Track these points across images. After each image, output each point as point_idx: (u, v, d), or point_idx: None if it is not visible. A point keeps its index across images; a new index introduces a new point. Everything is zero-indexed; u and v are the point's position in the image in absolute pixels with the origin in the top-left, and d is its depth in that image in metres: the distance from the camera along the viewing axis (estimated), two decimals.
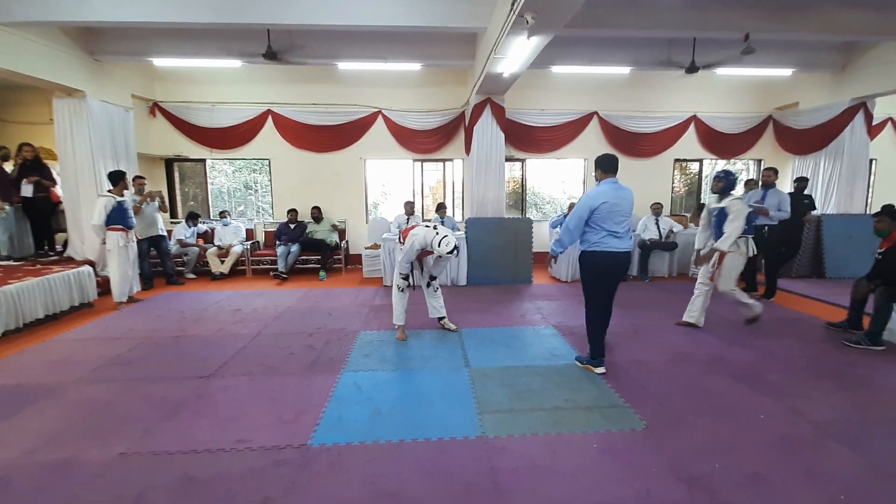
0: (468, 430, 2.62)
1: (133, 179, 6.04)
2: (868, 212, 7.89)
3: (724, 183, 4.27)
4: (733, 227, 4.10)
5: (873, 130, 7.50)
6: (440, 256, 3.89)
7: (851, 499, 2.05)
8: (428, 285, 4.35)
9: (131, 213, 5.47)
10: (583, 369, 3.50)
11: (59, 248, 6.55)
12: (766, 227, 5.41)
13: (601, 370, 3.39)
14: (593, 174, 3.48)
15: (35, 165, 6.04)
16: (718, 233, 4.27)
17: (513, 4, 3.83)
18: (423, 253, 4.05)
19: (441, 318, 4.46)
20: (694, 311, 4.51)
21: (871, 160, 7.90)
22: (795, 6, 5.31)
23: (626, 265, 3.40)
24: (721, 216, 4.25)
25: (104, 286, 5.68)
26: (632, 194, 3.34)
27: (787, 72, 7.14)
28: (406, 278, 4.12)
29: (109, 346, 4.06)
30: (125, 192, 5.47)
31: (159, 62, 6.47)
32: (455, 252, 3.88)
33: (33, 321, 4.57)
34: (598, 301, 3.41)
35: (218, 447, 2.46)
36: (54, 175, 6.33)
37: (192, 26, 5.35)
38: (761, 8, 5.30)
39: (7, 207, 5.84)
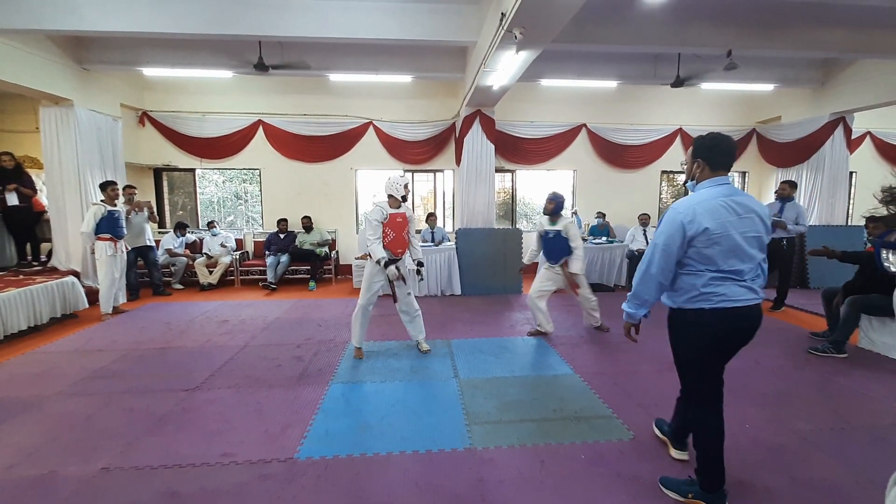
0: (456, 442, 2.61)
1: (123, 189, 5.99)
2: (849, 223, 8.07)
3: (554, 205, 4.38)
4: (581, 246, 4.39)
5: (853, 144, 7.72)
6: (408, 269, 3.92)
7: None
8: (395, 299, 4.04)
9: (122, 222, 5.42)
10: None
11: (43, 258, 6.45)
12: (785, 240, 5.45)
13: None
14: (681, 165, 2.23)
15: (15, 174, 5.95)
16: (549, 253, 4.52)
17: (501, 20, 3.90)
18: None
19: (417, 342, 4.24)
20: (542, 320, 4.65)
21: (850, 173, 8.10)
22: (776, 24, 5.48)
23: (756, 327, 2.02)
24: (558, 238, 4.41)
25: (93, 296, 5.58)
26: (760, 205, 1.97)
27: (768, 87, 7.33)
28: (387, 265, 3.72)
29: (92, 358, 3.99)
30: (116, 201, 5.42)
31: (149, 72, 6.46)
32: (419, 270, 3.99)
33: (15, 333, 4.48)
34: (713, 389, 2.13)
35: (203, 461, 2.42)
36: (38, 184, 6.25)
37: (182, 37, 5.36)
38: (743, 25, 5.46)
39: None
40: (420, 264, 4.03)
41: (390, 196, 3.78)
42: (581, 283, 4.61)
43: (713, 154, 1.96)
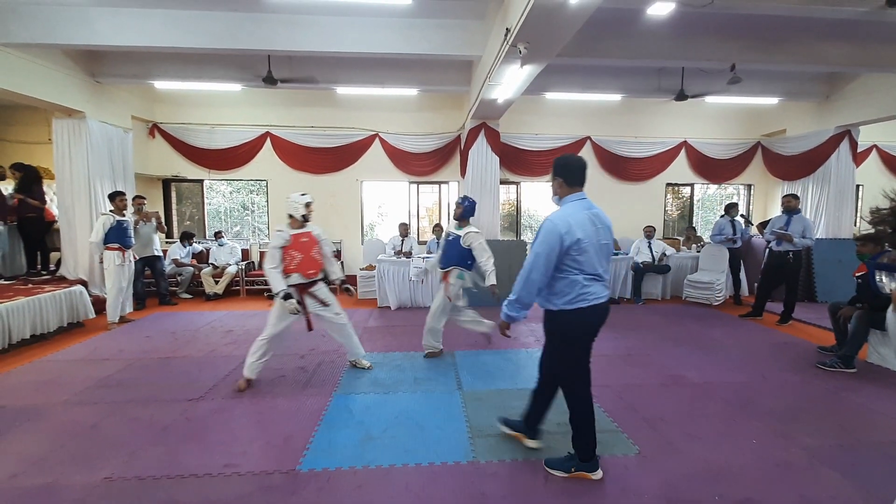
0: (459, 455, 2.60)
1: (132, 199, 6.08)
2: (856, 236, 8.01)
3: (462, 209, 4.07)
4: (490, 259, 3.94)
5: (858, 157, 7.70)
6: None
7: None
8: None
9: (131, 232, 5.48)
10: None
11: (52, 267, 6.52)
12: (791, 254, 5.42)
13: (599, 475, 2.38)
14: (549, 183, 2.45)
15: (25, 184, 6.08)
16: (446, 257, 4.10)
17: (506, 35, 3.96)
18: (302, 288, 3.63)
19: (353, 360, 4.00)
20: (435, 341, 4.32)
21: (857, 186, 8.06)
22: (779, 38, 5.51)
23: (607, 317, 2.38)
24: (455, 243, 4.02)
25: (100, 305, 5.61)
26: (607, 218, 2.36)
27: (773, 100, 7.35)
28: (288, 297, 3.45)
29: (98, 367, 4.01)
30: (125, 211, 5.49)
31: (160, 85, 6.58)
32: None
33: (22, 341, 4.51)
34: (584, 375, 2.40)
35: (205, 472, 2.42)
36: (49, 194, 6.35)
37: (193, 51, 5.47)
38: (746, 39, 5.49)
39: (0, 227, 5.83)
40: (344, 283, 3.89)
41: (291, 217, 3.63)
42: (460, 299, 4.14)
43: (569, 172, 2.31)
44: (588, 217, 2.23)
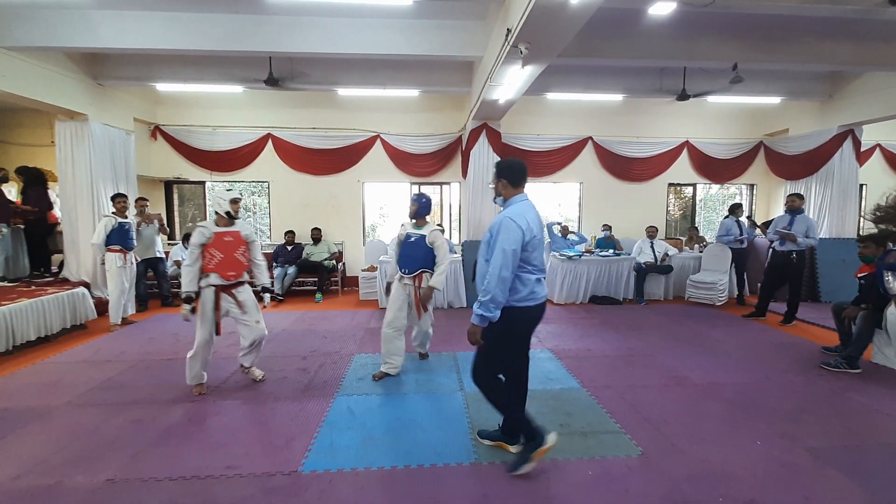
0: (461, 457, 2.59)
1: (135, 201, 6.10)
2: (860, 236, 7.97)
3: (417, 206, 3.83)
4: (448, 262, 3.74)
5: (862, 156, 7.65)
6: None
7: None
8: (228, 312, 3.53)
9: (132, 234, 5.50)
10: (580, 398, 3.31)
11: (54, 269, 6.54)
12: (794, 253, 5.40)
13: (553, 438, 2.42)
14: (490, 185, 2.55)
15: (29, 184, 6.17)
16: (406, 260, 3.79)
17: (507, 35, 3.95)
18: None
19: (246, 368, 3.71)
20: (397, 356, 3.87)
21: (860, 185, 8.02)
22: (781, 38, 5.49)
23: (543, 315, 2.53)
24: (419, 244, 3.76)
25: (103, 307, 5.63)
26: (542, 218, 2.52)
27: (775, 100, 7.32)
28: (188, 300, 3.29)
29: (100, 368, 4.01)
30: (128, 213, 5.50)
31: (162, 87, 6.59)
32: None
33: (24, 343, 4.52)
34: (520, 370, 2.61)
35: (207, 474, 2.42)
36: (52, 196, 6.38)
37: (195, 53, 5.48)
38: (748, 39, 5.47)
39: (4, 229, 5.85)
40: (266, 290, 3.68)
41: (217, 213, 3.43)
42: (429, 304, 3.86)
43: (513, 174, 2.44)
44: (536, 216, 2.39)
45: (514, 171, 2.44)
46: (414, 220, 3.89)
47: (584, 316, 6.04)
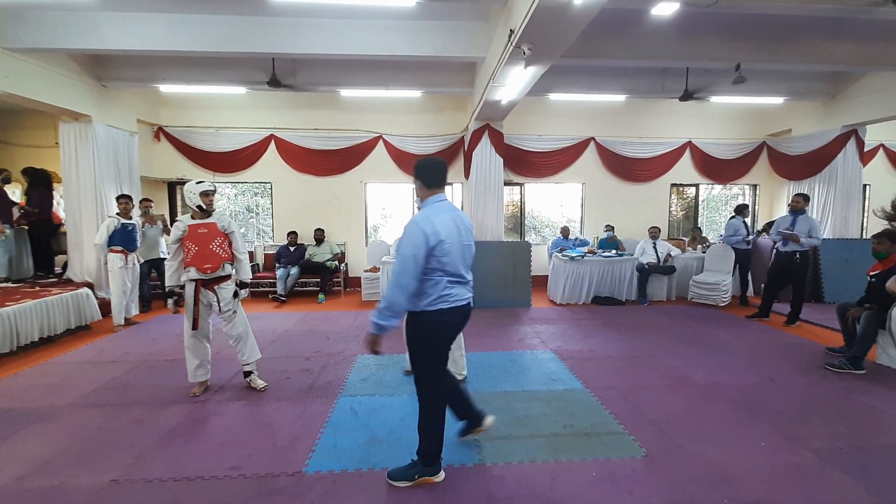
0: (465, 458, 2.59)
1: (139, 202, 6.12)
2: (864, 236, 7.95)
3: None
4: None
5: (865, 157, 7.63)
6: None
7: None
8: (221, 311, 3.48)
9: (136, 235, 5.52)
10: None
11: (58, 270, 6.56)
12: (798, 254, 5.38)
13: (441, 477, 2.37)
14: (413, 187, 2.43)
15: (32, 184, 6.21)
16: None
17: (510, 36, 3.96)
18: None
19: (247, 374, 3.64)
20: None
21: (864, 185, 8.00)
22: (783, 38, 5.48)
23: (469, 318, 2.44)
24: None
25: (107, 307, 5.65)
26: (468, 219, 2.41)
27: (778, 100, 7.31)
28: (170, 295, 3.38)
29: (104, 369, 4.02)
30: (132, 214, 5.52)
31: (165, 88, 6.62)
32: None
33: (28, 344, 4.54)
34: (441, 378, 2.42)
35: (211, 474, 2.42)
36: (56, 197, 6.42)
37: (198, 54, 5.49)
38: (750, 39, 5.47)
39: (7, 231, 5.88)
40: (242, 285, 3.60)
41: (191, 207, 3.41)
42: None
43: (427, 174, 2.29)
44: (451, 218, 2.23)
45: (428, 172, 2.29)
46: None
47: (587, 317, 6.03)
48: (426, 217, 2.17)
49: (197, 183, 3.38)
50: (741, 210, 6.72)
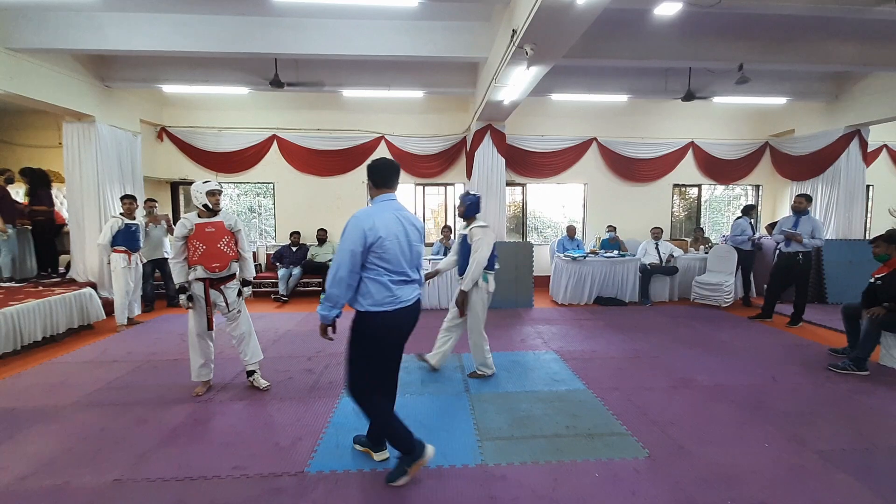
0: (468, 458, 2.58)
1: (144, 202, 6.14)
2: (867, 237, 7.92)
3: (465, 208, 3.65)
4: (477, 260, 3.45)
5: (869, 157, 7.60)
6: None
7: None
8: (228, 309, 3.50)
9: (139, 235, 5.53)
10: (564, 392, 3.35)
11: (61, 269, 6.58)
12: (800, 255, 5.36)
13: (431, 451, 2.35)
14: (365, 184, 2.41)
15: (31, 189, 6.23)
16: (463, 261, 3.64)
17: (513, 36, 3.96)
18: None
19: (250, 373, 3.63)
20: (437, 354, 3.90)
21: (867, 186, 7.97)
22: (787, 38, 5.47)
23: (418, 316, 2.42)
24: (463, 244, 3.64)
25: (110, 307, 5.66)
26: (418, 220, 2.43)
27: (781, 100, 7.29)
28: (182, 291, 3.32)
29: (107, 369, 4.03)
30: (136, 214, 5.53)
31: (168, 89, 6.63)
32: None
33: (32, 343, 4.55)
34: (387, 384, 2.44)
35: (213, 474, 2.42)
36: (60, 197, 6.43)
37: (201, 55, 5.51)
38: (753, 39, 5.46)
39: (10, 230, 5.90)
40: (246, 283, 3.61)
41: (197, 207, 3.43)
42: (466, 309, 3.62)
43: (377, 174, 2.35)
44: (394, 217, 2.25)
45: (379, 172, 2.35)
46: (465, 221, 3.73)
47: (589, 317, 6.02)
48: (368, 214, 2.21)
49: (203, 183, 3.40)
50: (749, 210, 6.70)
